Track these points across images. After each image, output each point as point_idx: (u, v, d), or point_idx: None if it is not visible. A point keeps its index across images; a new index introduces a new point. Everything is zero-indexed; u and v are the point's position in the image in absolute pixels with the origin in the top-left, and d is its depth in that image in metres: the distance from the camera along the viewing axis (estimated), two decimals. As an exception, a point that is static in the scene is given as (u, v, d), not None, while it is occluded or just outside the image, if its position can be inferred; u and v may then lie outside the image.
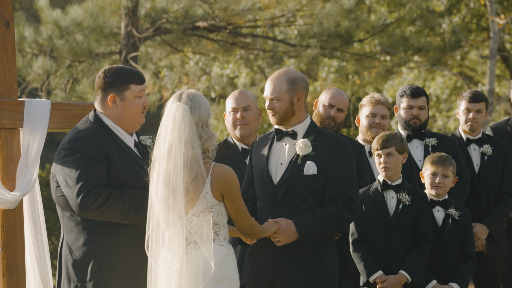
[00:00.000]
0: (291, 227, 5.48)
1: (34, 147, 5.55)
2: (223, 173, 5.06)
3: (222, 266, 5.05)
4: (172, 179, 4.99)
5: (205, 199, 5.04)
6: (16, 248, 5.54)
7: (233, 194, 5.10)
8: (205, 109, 5.07)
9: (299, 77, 5.63)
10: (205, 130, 5.05)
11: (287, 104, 5.58)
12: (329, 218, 5.50)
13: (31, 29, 16.05)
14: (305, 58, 17.27)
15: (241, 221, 5.21)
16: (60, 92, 16.45)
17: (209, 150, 5.06)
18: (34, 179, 5.60)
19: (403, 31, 18.44)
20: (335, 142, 5.62)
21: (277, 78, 5.61)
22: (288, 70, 5.66)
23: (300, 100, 5.61)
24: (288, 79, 5.59)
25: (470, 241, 6.58)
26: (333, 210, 5.51)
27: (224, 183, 5.06)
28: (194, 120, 5.00)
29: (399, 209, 6.30)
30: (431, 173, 6.60)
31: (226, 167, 5.12)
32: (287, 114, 5.60)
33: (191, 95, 5.07)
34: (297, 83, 5.59)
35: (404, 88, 7.46)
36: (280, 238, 5.48)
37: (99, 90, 5.47)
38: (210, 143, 5.06)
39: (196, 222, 5.04)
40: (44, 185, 13.75)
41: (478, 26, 20.16)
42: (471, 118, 7.59)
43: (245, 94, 6.66)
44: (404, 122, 7.40)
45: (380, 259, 6.27)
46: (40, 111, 5.60)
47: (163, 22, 16.17)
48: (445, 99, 22.34)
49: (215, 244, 5.05)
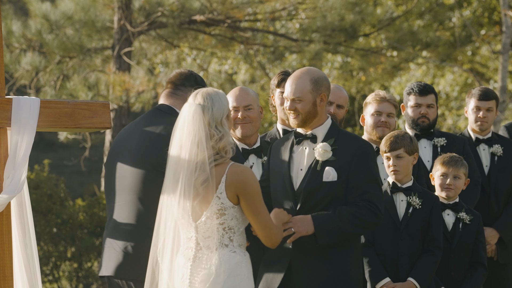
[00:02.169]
0: (307, 218, 5.42)
1: (22, 147, 5.55)
2: (239, 173, 5.11)
3: (232, 274, 5.07)
4: (182, 180, 5.07)
5: (218, 199, 5.10)
6: (3, 253, 5.55)
7: (250, 196, 5.11)
8: (219, 108, 5.14)
9: (322, 76, 5.62)
10: (218, 129, 5.12)
11: (309, 105, 5.56)
12: (350, 217, 5.44)
13: (19, 23, 16.05)
14: (307, 54, 17.27)
15: (258, 228, 5.19)
16: (50, 89, 16.44)
17: (224, 149, 5.13)
18: (23, 181, 5.60)
19: (411, 25, 18.44)
20: (356, 145, 5.59)
21: (299, 77, 5.59)
22: (311, 69, 5.64)
23: (323, 101, 5.59)
24: (312, 78, 5.57)
25: (482, 246, 6.58)
26: (355, 210, 5.46)
27: (239, 183, 5.10)
28: (206, 120, 5.09)
29: (408, 212, 6.29)
30: (441, 174, 6.59)
31: (243, 167, 5.17)
32: (309, 115, 5.58)
33: (206, 94, 5.17)
34: (320, 83, 5.58)
35: (411, 85, 7.47)
36: (295, 228, 5.40)
37: (185, 87, 5.99)
38: (224, 142, 5.12)
39: (209, 225, 5.11)
40: (33, 187, 13.75)
41: (490, 20, 20.17)
42: (481, 117, 7.60)
43: (247, 91, 6.64)
44: (411, 121, 7.40)
45: (388, 265, 6.26)
46: (29, 110, 5.60)
47: (158, 16, 16.18)
48: (455, 96, 22.36)
49: (227, 251, 5.10)
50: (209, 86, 19.99)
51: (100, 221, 14.07)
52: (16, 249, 5.70)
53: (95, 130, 5.88)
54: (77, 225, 14.02)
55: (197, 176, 5.08)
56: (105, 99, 15.74)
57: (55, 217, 13.96)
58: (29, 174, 13.90)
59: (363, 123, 7.35)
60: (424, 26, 18.92)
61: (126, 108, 16.39)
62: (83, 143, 17.78)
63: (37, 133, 5.66)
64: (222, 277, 5.05)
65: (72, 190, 18.81)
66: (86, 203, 14.36)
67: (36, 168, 14.40)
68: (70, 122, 5.61)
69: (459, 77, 22.20)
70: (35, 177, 14.17)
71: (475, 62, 21.28)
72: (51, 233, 13.91)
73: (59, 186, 14.36)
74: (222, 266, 5.07)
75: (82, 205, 14.40)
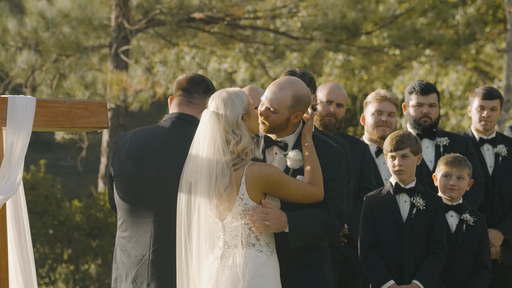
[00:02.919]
0: (283, 217, 5.36)
1: (18, 147, 5.55)
2: (256, 172, 5.21)
3: (257, 274, 5.16)
4: (205, 186, 5.20)
5: (241, 200, 5.22)
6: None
7: (277, 187, 5.25)
8: (232, 111, 5.24)
9: (305, 94, 5.49)
10: (235, 132, 5.22)
11: (283, 120, 5.47)
12: (322, 223, 5.43)
13: (14, 21, 16.05)
14: (308, 52, 17.28)
15: (301, 200, 5.32)
16: (46, 88, 16.45)
17: (244, 151, 5.24)
18: (18, 182, 5.59)
19: (414, 23, 18.45)
20: (327, 150, 5.54)
21: (283, 89, 5.47)
22: (297, 84, 5.51)
23: (297, 119, 5.51)
24: (295, 94, 5.45)
25: (486, 249, 6.57)
26: (327, 216, 5.45)
27: (260, 181, 5.22)
28: (221, 126, 5.22)
29: (412, 214, 6.27)
30: (444, 175, 6.58)
31: (258, 164, 5.26)
32: (278, 128, 5.51)
33: (219, 99, 5.29)
34: (301, 101, 5.47)
35: (413, 84, 7.47)
36: (269, 223, 5.30)
37: (200, 95, 5.86)
38: (243, 145, 5.23)
39: (235, 225, 5.23)
40: (28, 188, 13.75)
41: (494, 18, 20.17)
42: (485, 116, 7.59)
43: (256, 91, 6.57)
44: (413, 120, 7.40)
45: (392, 267, 6.24)
46: (25, 109, 5.60)
47: (156, 14, 16.17)
48: (459, 95, 22.35)
49: (254, 250, 5.22)
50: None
51: (97, 222, 14.07)
52: (12, 251, 5.69)
53: (92, 130, 5.87)
54: (74, 227, 14.02)
55: (220, 182, 5.19)
56: (103, 98, 15.74)
57: (51, 218, 13.96)
58: (24, 175, 13.90)
59: (364, 122, 7.35)
60: (427, 24, 18.92)
61: (123, 107, 16.39)
62: (80, 143, 17.78)
63: (33, 133, 5.66)
64: (248, 277, 5.14)
65: (69, 191, 18.80)
66: (83, 204, 14.36)
67: (32, 169, 14.40)
68: (67, 122, 5.61)
69: (463, 76, 22.20)
70: (31, 177, 14.17)
71: (479, 60, 21.27)
72: (47, 235, 13.91)
73: (56, 187, 14.36)
74: (248, 266, 5.17)
75: (78, 206, 14.40)
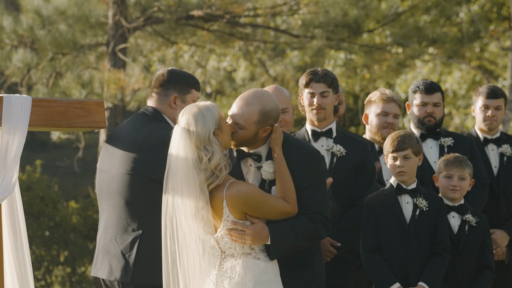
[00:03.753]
0: (264, 231, 5.35)
1: (13, 147, 5.56)
2: (235, 195, 5.21)
3: (258, 282, 5.23)
4: (187, 205, 5.21)
5: (227, 222, 5.25)
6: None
7: (255, 207, 5.25)
8: (203, 127, 5.20)
9: (273, 109, 5.42)
10: (207, 149, 5.20)
11: (250, 135, 5.43)
12: (305, 234, 5.42)
13: (10, 18, 16.05)
14: (309, 50, 17.28)
15: (278, 218, 5.32)
16: (42, 87, 16.45)
17: (218, 168, 5.21)
18: (14, 182, 5.60)
19: (417, 20, 18.45)
20: (299, 156, 5.49)
21: (249, 104, 5.41)
22: (264, 98, 5.42)
23: (266, 133, 5.45)
24: (262, 110, 5.38)
25: (489, 249, 6.58)
26: (311, 226, 5.43)
27: (240, 203, 5.22)
28: (193, 144, 5.19)
29: (416, 215, 6.28)
30: (446, 175, 6.59)
31: (236, 186, 5.23)
32: (247, 143, 5.48)
33: (189, 115, 5.24)
34: (269, 116, 5.40)
35: (417, 83, 7.47)
36: (247, 238, 5.32)
37: (159, 88, 6.02)
38: (215, 161, 5.20)
39: (227, 239, 5.28)
40: (24, 189, 13.76)
41: (498, 15, 20.17)
42: (489, 116, 7.59)
43: (282, 92, 6.43)
44: (417, 120, 7.40)
45: (397, 270, 6.25)
46: (20, 108, 5.60)
47: (154, 11, 16.18)
48: (463, 95, 22.35)
49: (251, 258, 5.27)
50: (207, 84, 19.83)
51: (94, 224, 14.07)
52: (7, 253, 5.70)
53: (89, 130, 5.88)
54: (70, 228, 14.03)
55: (199, 200, 5.20)
56: (100, 97, 15.75)
57: (47, 220, 13.96)
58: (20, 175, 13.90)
59: (366, 121, 7.33)
60: (431, 21, 18.92)
61: (121, 106, 16.40)
62: (76, 143, 17.78)
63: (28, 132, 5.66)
64: (248, 285, 5.20)
65: (65, 192, 18.81)
66: (80, 205, 14.37)
67: (28, 169, 14.41)
68: (63, 121, 5.62)
69: (467, 74, 22.20)
70: (26, 178, 14.18)
71: (483, 59, 21.28)
72: (43, 237, 13.92)
73: (52, 187, 14.37)
74: (247, 274, 5.23)
75: (75, 207, 14.42)
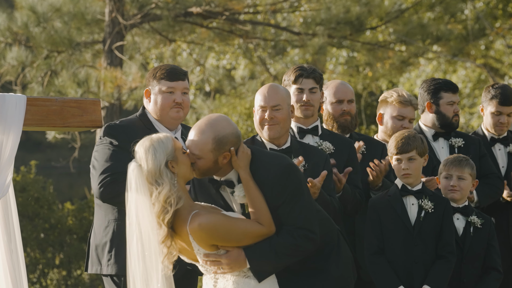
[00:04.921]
0: (240, 257, 5.39)
1: (7, 147, 5.55)
2: (198, 229, 5.24)
3: None
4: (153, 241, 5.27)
5: (200, 255, 5.33)
6: (-13, 260, 5.54)
7: (223, 238, 5.30)
8: (154, 160, 5.27)
9: (229, 133, 5.43)
10: (158, 182, 5.25)
11: (210, 164, 5.44)
12: (287, 251, 5.43)
13: (4, 15, 16.05)
14: (311, 48, 17.27)
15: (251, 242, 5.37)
16: (37, 86, 16.45)
17: (168, 201, 5.24)
18: (8, 183, 5.59)
19: (421, 17, 18.45)
20: (268, 173, 5.47)
21: (202, 132, 5.42)
22: (217, 124, 5.43)
23: (227, 159, 5.45)
24: (216, 137, 5.39)
25: (494, 251, 6.57)
26: (291, 243, 5.43)
27: (205, 237, 5.26)
28: (145, 178, 5.27)
29: (421, 217, 6.27)
30: (445, 176, 6.58)
31: (197, 219, 5.24)
32: (210, 171, 5.50)
33: (143, 148, 5.32)
34: (225, 141, 5.41)
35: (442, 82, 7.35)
36: (224, 267, 5.38)
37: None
38: (163, 195, 5.24)
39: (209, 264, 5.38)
40: (19, 190, 13.74)
41: (504, 12, 20.17)
42: (502, 122, 7.55)
43: (276, 90, 6.43)
44: (443, 119, 7.28)
45: (401, 272, 6.24)
46: (15, 107, 5.60)
47: (152, 8, 16.17)
48: (468, 93, 22.36)
49: (241, 277, 5.35)
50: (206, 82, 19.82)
51: (90, 226, 14.05)
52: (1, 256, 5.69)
53: (85, 129, 5.88)
54: (66, 230, 14.02)
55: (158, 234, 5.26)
56: (96, 96, 15.74)
57: (42, 221, 13.95)
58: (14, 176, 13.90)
59: (380, 121, 7.27)
60: (435, 18, 18.92)
61: (118, 105, 16.39)
62: (72, 143, 17.78)
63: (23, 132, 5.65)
64: None
65: (61, 193, 18.82)
66: (76, 207, 14.36)
67: (23, 170, 14.40)
68: (59, 121, 5.61)
69: (472, 72, 22.21)
70: (21, 179, 14.17)
71: (488, 56, 21.28)
72: (38, 239, 13.90)
73: (47, 188, 14.36)
74: None
75: (71, 209, 14.40)
